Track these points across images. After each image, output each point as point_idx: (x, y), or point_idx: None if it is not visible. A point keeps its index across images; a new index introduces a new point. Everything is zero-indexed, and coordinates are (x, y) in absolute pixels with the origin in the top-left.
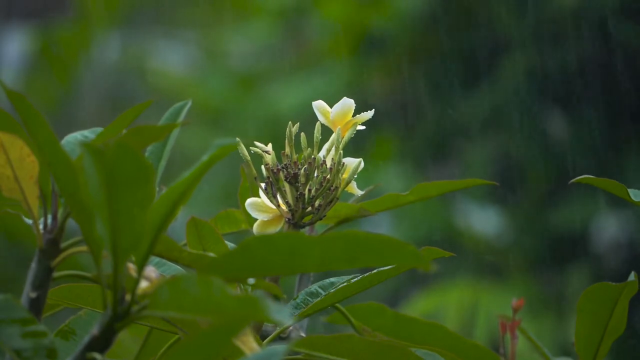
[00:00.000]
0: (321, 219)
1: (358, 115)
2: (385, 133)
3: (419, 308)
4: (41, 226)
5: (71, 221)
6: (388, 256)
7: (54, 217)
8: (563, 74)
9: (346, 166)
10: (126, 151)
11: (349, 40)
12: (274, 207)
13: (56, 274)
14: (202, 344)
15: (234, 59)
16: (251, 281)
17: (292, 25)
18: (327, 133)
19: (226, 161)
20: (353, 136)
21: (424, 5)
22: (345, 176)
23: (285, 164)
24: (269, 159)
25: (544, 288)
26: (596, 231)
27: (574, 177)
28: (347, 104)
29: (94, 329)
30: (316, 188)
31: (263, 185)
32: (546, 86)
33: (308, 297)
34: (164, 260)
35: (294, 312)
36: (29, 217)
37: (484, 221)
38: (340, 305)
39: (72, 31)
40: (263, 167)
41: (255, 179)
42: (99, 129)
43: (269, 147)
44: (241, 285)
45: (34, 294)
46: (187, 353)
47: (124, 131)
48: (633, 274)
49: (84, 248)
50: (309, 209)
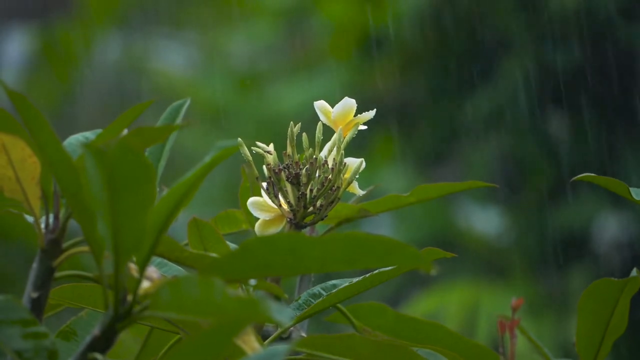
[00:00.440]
0: (323, 219)
1: (359, 115)
2: (386, 133)
3: (420, 308)
4: (43, 226)
5: (73, 221)
6: (389, 258)
7: (56, 218)
8: (564, 75)
9: (348, 166)
10: (128, 152)
11: (350, 41)
12: (275, 207)
13: (58, 274)
14: (203, 344)
15: (234, 59)
16: (253, 282)
17: (293, 26)
18: (329, 133)
19: (226, 161)
20: (354, 136)
21: (425, 6)
22: (346, 176)
23: (286, 164)
24: (271, 159)
25: (545, 288)
26: (597, 231)
27: (574, 177)
28: (349, 104)
29: (96, 329)
30: (318, 188)
31: (265, 185)
32: (547, 86)
33: (310, 298)
34: (165, 261)
35: (297, 313)
36: (31, 217)
37: (485, 221)
38: (341, 306)
39: (73, 31)
40: (265, 167)
41: (257, 178)
42: (100, 130)
43: (270, 147)
44: (243, 286)
45: (35, 294)
46: (188, 353)
47: (125, 131)
48: (635, 270)
49: (85, 248)
50: (311, 209)
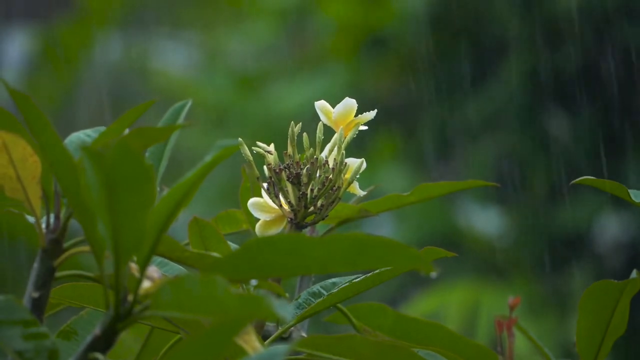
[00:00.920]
0: (323, 219)
1: (360, 115)
2: (387, 133)
3: (420, 308)
4: (44, 226)
5: (74, 221)
6: (389, 259)
7: (57, 217)
8: (565, 75)
9: (348, 166)
10: (127, 153)
11: (350, 41)
12: (276, 207)
13: (58, 273)
14: (205, 343)
15: (235, 59)
16: (254, 282)
17: (293, 26)
18: (330, 133)
19: (226, 161)
20: (355, 136)
21: (427, 6)
22: (347, 176)
23: (287, 164)
24: (271, 159)
25: (545, 288)
26: (598, 231)
27: (575, 178)
28: (350, 104)
29: (96, 329)
30: (318, 188)
31: (265, 185)
32: (548, 87)
33: (310, 297)
34: (166, 260)
35: (297, 312)
36: (31, 217)
37: (485, 221)
38: (341, 306)
39: (74, 31)
40: (265, 167)
41: (257, 178)
42: (102, 128)
43: (271, 147)
44: (243, 286)
45: (36, 294)
46: (189, 353)
47: (126, 131)
48: (635, 271)
49: (86, 248)
50: (311, 208)
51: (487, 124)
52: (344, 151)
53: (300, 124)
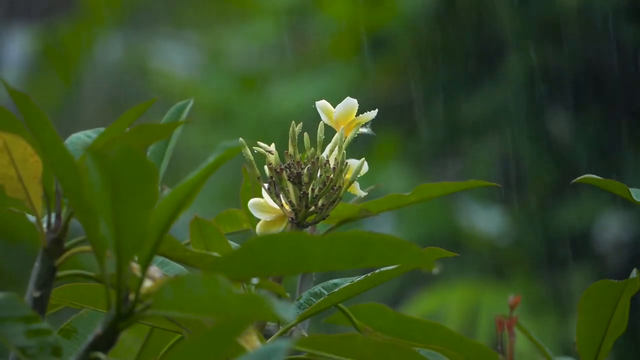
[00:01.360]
0: (324, 218)
1: (361, 115)
2: (388, 133)
3: (421, 308)
4: (45, 226)
5: (75, 221)
6: (391, 256)
7: (58, 217)
8: (566, 74)
9: (349, 166)
10: (130, 153)
11: (351, 40)
12: (277, 207)
13: (60, 273)
14: (206, 342)
15: (236, 59)
16: (255, 281)
17: (294, 25)
18: (331, 133)
19: (227, 161)
20: (356, 136)
21: (428, 6)
22: (348, 177)
23: (288, 164)
24: (272, 158)
25: (546, 288)
26: (599, 231)
27: (576, 177)
28: (351, 103)
29: (98, 328)
30: (319, 187)
31: (266, 185)
32: (549, 86)
33: (312, 298)
34: (167, 260)
35: (298, 312)
36: (32, 216)
37: (486, 221)
38: (342, 305)
39: (75, 31)
40: (266, 167)
41: (258, 178)
42: (102, 129)
43: (272, 147)
44: (244, 285)
45: (37, 294)
46: (190, 352)
47: (127, 130)
48: (635, 271)
49: (87, 247)
50: (312, 208)
51: (487, 124)
52: (344, 151)
53: (301, 123)
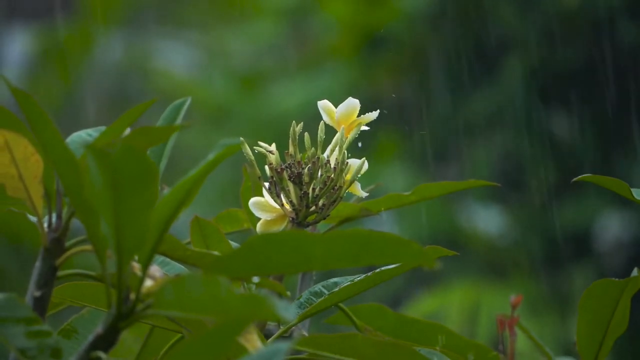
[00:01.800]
0: (325, 218)
1: (363, 116)
2: (388, 132)
3: (421, 308)
4: (45, 225)
5: (75, 220)
6: (392, 254)
7: (59, 216)
8: (566, 73)
9: (350, 166)
10: (131, 152)
11: (352, 40)
12: (277, 207)
13: (60, 272)
14: (206, 343)
15: (236, 58)
16: (256, 280)
17: (295, 25)
18: (331, 133)
19: (228, 161)
20: (357, 136)
21: (428, 5)
22: (348, 177)
23: (289, 164)
24: (273, 158)
25: (546, 288)
26: (599, 230)
27: (576, 177)
28: (352, 104)
29: (99, 328)
30: (320, 187)
31: (267, 184)
32: (550, 85)
33: (312, 297)
34: (168, 259)
35: (298, 312)
36: (33, 216)
37: (487, 221)
38: (343, 305)
39: (75, 31)
40: (267, 167)
41: (259, 178)
42: (103, 127)
43: (272, 146)
44: (245, 284)
45: (38, 293)
46: (190, 352)
47: (128, 130)
48: (636, 269)
49: (88, 247)
50: (313, 208)
51: (488, 123)
52: (345, 150)
53: (302, 123)
